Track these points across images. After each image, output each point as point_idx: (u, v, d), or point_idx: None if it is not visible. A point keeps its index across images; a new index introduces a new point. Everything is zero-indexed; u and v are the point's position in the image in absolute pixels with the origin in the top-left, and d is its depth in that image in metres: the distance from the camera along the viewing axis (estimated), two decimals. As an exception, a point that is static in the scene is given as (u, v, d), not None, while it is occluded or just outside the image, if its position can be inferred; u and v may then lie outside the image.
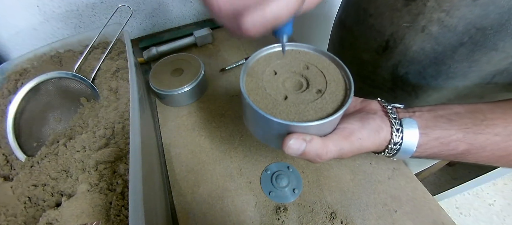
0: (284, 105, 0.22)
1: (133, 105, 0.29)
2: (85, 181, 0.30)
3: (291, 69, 0.25)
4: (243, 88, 0.22)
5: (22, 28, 0.52)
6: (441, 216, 0.31)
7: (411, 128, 0.22)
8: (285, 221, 0.31)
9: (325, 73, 0.24)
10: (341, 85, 0.23)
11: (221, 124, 0.42)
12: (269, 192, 0.34)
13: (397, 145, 0.23)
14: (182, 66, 0.47)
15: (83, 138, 0.34)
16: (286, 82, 0.24)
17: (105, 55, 0.43)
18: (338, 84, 0.23)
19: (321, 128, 0.21)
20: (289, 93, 0.23)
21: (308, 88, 0.23)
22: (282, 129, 0.21)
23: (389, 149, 0.23)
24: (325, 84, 0.23)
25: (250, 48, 0.58)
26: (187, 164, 0.38)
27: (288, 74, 0.24)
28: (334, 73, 0.24)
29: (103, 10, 0.56)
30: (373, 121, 0.23)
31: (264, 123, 0.22)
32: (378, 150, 0.24)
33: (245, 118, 0.26)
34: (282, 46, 0.23)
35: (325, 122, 0.20)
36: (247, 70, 0.24)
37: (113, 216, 0.27)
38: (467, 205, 1.10)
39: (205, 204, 0.33)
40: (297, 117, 0.21)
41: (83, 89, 0.41)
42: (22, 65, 0.43)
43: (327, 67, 0.25)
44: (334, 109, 0.21)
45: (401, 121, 0.23)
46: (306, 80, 0.24)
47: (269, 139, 0.24)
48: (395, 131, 0.22)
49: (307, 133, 0.21)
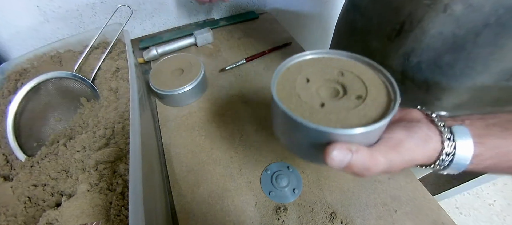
0: (322, 113, 0.19)
1: (133, 105, 0.29)
2: (85, 181, 0.30)
3: (324, 76, 0.23)
4: (275, 95, 0.20)
5: (22, 28, 0.52)
6: (441, 216, 0.31)
7: (464, 136, 0.20)
8: (285, 221, 0.31)
9: (363, 79, 0.22)
10: (383, 90, 0.21)
11: (221, 124, 0.42)
12: (269, 192, 0.34)
13: (450, 156, 0.20)
14: (182, 66, 0.47)
15: (83, 138, 0.34)
16: (320, 90, 0.22)
17: (105, 55, 0.43)
18: (379, 89, 0.21)
19: (367, 137, 0.19)
20: (326, 101, 0.21)
21: (346, 94, 0.21)
22: (322, 138, 0.19)
23: (440, 160, 0.20)
24: (365, 90, 0.21)
25: (250, 48, 0.58)
26: (187, 164, 0.38)
27: (321, 82, 0.22)
28: (373, 78, 0.22)
29: (103, 10, 0.56)
30: (420, 130, 0.20)
31: (301, 133, 0.19)
32: (428, 162, 0.21)
33: (276, 129, 0.24)
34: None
35: (372, 129, 0.18)
36: (277, 79, 0.23)
37: (113, 216, 0.27)
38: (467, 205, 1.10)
39: (205, 204, 0.33)
40: (339, 125, 0.18)
41: (83, 89, 0.41)
42: (22, 65, 0.43)
43: (365, 73, 0.22)
44: (379, 116, 0.19)
45: (451, 129, 0.20)
46: (342, 87, 0.22)
47: (306, 152, 0.22)
48: (446, 140, 0.20)
49: (352, 142, 0.18)
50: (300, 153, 0.23)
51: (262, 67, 0.53)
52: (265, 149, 0.39)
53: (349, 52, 0.24)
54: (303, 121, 0.18)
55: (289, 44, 0.58)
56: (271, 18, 0.68)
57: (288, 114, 0.19)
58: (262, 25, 0.66)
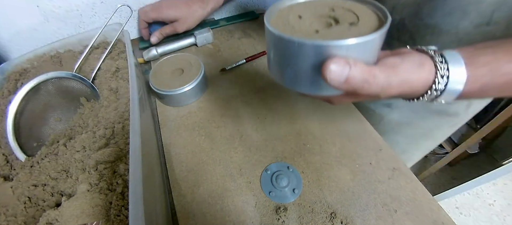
0: (317, 36, 0.20)
1: (133, 105, 0.29)
2: (85, 181, 0.30)
3: (316, 13, 0.23)
4: (268, 23, 0.21)
5: (22, 28, 0.52)
6: (441, 216, 0.31)
7: (455, 57, 0.20)
8: (285, 221, 0.31)
9: (354, 10, 0.22)
10: (373, 17, 0.22)
11: (221, 124, 0.42)
12: (269, 192, 0.34)
13: (444, 79, 0.20)
14: (182, 66, 0.47)
15: (83, 138, 0.34)
16: (313, 24, 0.22)
17: (105, 55, 0.43)
18: (370, 16, 0.22)
19: (363, 50, 0.19)
20: (320, 30, 0.21)
21: (339, 23, 0.21)
22: (320, 56, 0.19)
23: (435, 84, 0.21)
24: (356, 18, 0.22)
25: (250, 48, 0.58)
26: (187, 164, 0.38)
27: (314, 18, 0.23)
28: (363, 9, 0.23)
29: (103, 10, 0.56)
30: (412, 57, 0.21)
31: (297, 57, 0.19)
32: (423, 88, 0.22)
33: (272, 65, 0.24)
34: None
35: (367, 39, 0.18)
36: (270, 18, 0.23)
37: (113, 216, 0.27)
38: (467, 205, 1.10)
39: (205, 204, 0.33)
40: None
41: (83, 89, 0.41)
42: (22, 65, 0.43)
43: (354, 6, 0.23)
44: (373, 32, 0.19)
45: (442, 53, 0.21)
46: (334, 20, 0.22)
47: (305, 80, 0.21)
48: (439, 63, 0.20)
49: (349, 56, 0.19)
50: (298, 83, 0.22)
51: (262, 67, 0.53)
52: (265, 149, 0.39)
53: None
54: (299, 39, 0.18)
55: (289, 44, 0.58)
56: (271, 18, 0.68)
57: (284, 37, 0.19)
58: (262, 25, 0.66)
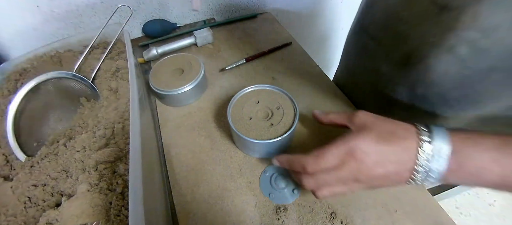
0: (261, 134, 0.34)
1: (133, 105, 0.29)
2: (85, 181, 0.30)
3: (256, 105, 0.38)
4: (231, 123, 0.35)
5: (22, 28, 0.52)
6: (441, 216, 0.31)
7: (441, 131, 0.21)
8: (285, 221, 0.31)
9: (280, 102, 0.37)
10: (292, 109, 0.36)
11: (221, 124, 0.42)
12: (268, 194, 0.34)
13: (429, 149, 0.21)
14: (182, 66, 0.47)
15: (83, 138, 0.34)
16: (258, 113, 0.37)
17: (105, 55, 0.43)
18: (289, 109, 0.36)
19: (279, 143, 0.34)
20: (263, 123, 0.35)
21: (273, 115, 0.36)
22: (262, 145, 0.34)
23: (420, 153, 0.21)
24: (282, 111, 0.36)
25: (250, 48, 0.58)
26: (187, 164, 0.38)
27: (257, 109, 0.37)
28: (286, 101, 0.37)
29: (103, 10, 0.56)
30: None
31: (249, 144, 0.34)
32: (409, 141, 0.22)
33: (235, 142, 0.39)
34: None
35: (285, 136, 0.33)
36: (231, 109, 0.37)
37: (113, 216, 0.27)
38: (467, 205, 1.10)
39: (205, 204, 0.33)
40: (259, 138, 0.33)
41: (83, 89, 0.41)
42: (22, 65, 0.43)
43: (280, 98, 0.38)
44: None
45: (428, 126, 0.22)
46: (271, 110, 0.37)
47: (254, 152, 0.38)
48: (422, 131, 0.22)
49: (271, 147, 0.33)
50: (253, 154, 0.38)
51: (262, 67, 0.53)
52: (265, 149, 0.39)
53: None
54: (251, 139, 0.33)
55: (289, 44, 0.58)
56: (271, 18, 0.68)
57: (241, 136, 0.33)
58: (262, 25, 0.66)
